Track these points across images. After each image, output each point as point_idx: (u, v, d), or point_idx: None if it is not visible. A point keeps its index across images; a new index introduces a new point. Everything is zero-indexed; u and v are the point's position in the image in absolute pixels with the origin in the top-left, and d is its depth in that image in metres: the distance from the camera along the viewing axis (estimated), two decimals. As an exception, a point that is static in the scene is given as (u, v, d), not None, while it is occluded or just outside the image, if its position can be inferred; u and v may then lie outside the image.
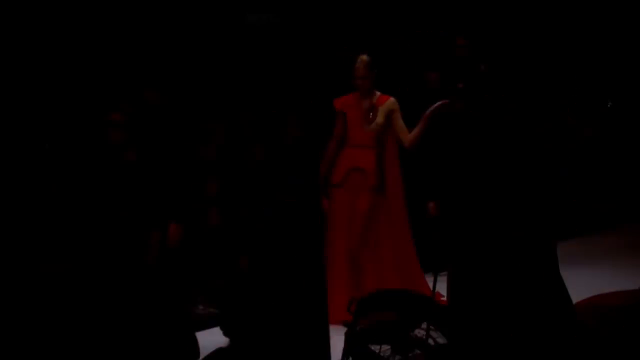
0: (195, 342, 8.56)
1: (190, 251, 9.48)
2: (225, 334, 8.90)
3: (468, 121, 8.42)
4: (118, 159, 8.24)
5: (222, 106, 11.94)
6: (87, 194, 8.36)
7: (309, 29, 12.92)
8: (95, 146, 8.41)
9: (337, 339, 8.41)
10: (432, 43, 13.44)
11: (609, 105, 14.60)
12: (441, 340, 8.14)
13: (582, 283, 9.44)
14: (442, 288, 8.67)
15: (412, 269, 10.18)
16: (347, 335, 8.17)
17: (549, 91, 8.71)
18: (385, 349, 8.14)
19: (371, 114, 10.00)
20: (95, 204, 8.26)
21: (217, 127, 11.41)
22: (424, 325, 8.18)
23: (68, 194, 9.63)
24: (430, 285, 9.14)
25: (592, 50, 14.63)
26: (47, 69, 11.54)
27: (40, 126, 11.11)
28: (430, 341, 8.12)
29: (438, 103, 9.80)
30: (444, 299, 8.57)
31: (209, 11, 12.37)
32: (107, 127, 8.25)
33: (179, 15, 12.47)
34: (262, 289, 8.15)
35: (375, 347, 8.17)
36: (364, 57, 10.17)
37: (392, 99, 10.18)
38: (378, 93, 10.22)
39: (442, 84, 10.63)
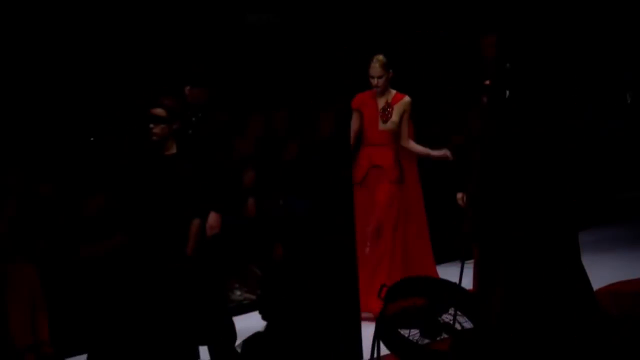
0: (232, 326, 8.61)
1: (228, 239, 9.54)
2: (264, 317, 9.02)
3: (495, 118, 8.43)
4: (160, 151, 8.29)
5: (260, 101, 11.94)
6: (131, 185, 8.44)
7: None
8: (139, 139, 8.50)
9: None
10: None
11: (628, 101, 14.64)
12: (468, 325, 8.18)
13: (603, 270, 9.51)
14: (467, 275, 8.91)
15: (425, 260, 10.14)
16: (377, 320, 8.27)
17: (571, 87, 8.67)
18: (414, 333, 8.21)
19: (387, 112, 9.95)
20: (138, 194, 8.32)
21: (254, 121, 11.47)
22: (451, 311, 8.24)
23: (113, 185, 9.73)
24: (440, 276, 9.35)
25: (611, 44, 14.43)
26: (93, 67, 11.61)
27: (88, 121, 11.22)
28: (457, 326, 8.20)
29: (443, 152, 9.96)
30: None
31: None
32: (150, 121, 8.26)
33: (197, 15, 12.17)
34: (297, 277, 8.06)
35: (404, 332, 8.22)
36: (380, 56, 10.09)
37: (407, 98, 10.12)
38: (394, 92, 10.13)
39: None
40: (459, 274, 8.92)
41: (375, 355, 8.27)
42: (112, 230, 9.29)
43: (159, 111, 8.25)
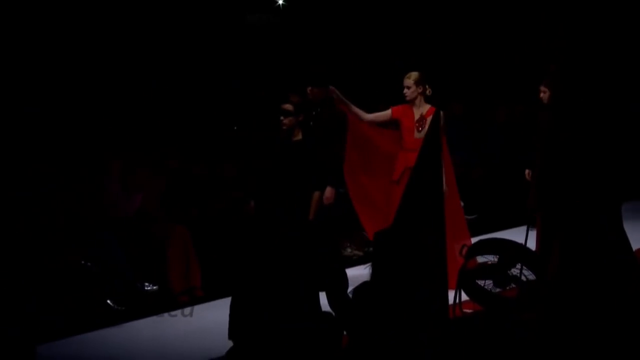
0: (345, 276, 8.54)
1: (341, 208, 9.72)
2: (373, 271, 8.56)
3: (554, 109, 8.54)
4: (288, 138, 8.62)
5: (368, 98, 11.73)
6: (266, 164, 8.74)
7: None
8: (273, 128, 8.77)
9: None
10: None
11: None
12: (531, 277, 8.54)
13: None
14: (531, 237, 9.01)
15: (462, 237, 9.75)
16: (459, 273, 8.60)
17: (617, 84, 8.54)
18: (488, 283, 8.59)
19: (422, 123, 9.61)
20: (272, 171, 8.62)
21: None
22: (518, 266, 8.62)
23: (252, 164, 10.06)
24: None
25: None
26: (240, 73, 11.76)
27: (230, 113, 11.54)
28: (523, 278, 8.57)
29: None
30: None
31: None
32: (281, 114, 8.60)
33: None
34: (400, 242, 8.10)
35: (480, 282, 8.61)
36: (413, 73, 9.75)
37: (440, 112, 9.32)
38: (428, 105, 9.77)
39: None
40: (524, 237, 9.04)
41: (457, 300, 8.57)
42: (247, 198, 9.44)
43: (288, 106, 8.59)
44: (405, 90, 9.65)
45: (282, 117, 8.57)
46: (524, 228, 9.22)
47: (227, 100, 11.88)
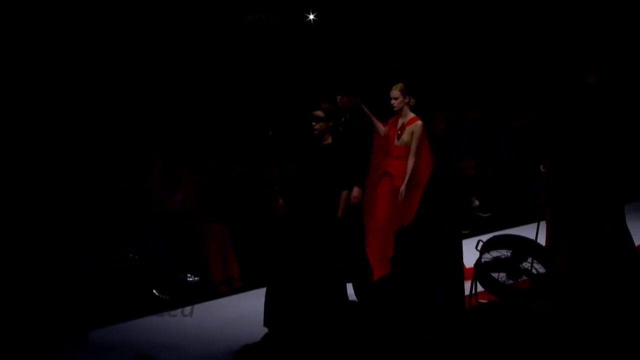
0: (370, 268, 8.78)
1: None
2: (393, 267, 8.79)
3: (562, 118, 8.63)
4: (319, 142, 8.54)
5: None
6: (299, 165, 8.70)
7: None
8: (305, 133, 8.71)
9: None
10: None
11: None
12: (541, 270, 8.56)
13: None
14: (541, 233, 8.90)
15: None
16: (475, 266, 8.60)
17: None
18: (502, 276, 8.59)
19: (400, 132, 9.48)
20: (304, 172, 8.53)
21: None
22: (529, 259, 8.61)
23: (286, 165, 10.12)
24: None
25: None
26: (272, 83, 11.61)
27: (267, 119, 11.47)
28: (534, 271, 8.57)
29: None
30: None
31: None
32: (312, 120, 8.54)
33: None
34: (421, 240, 8.33)
35: (495, 275, 8.60)
36: (399, 84, 9.57)
37: (418, 122, 9.50)
38: (411, 115, 9.55)
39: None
40: (535, 233, 8.95)
41: (473, 292, 8.60)
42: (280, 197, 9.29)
43: (319, 113, 8.51)
44: (393, 101, 9.55)
45: (313, 123, 8.57)
46: (534, 225, 9.15)
47: (264, 106, 11.78)
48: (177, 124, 11.08)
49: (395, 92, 9.56)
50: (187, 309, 9.16)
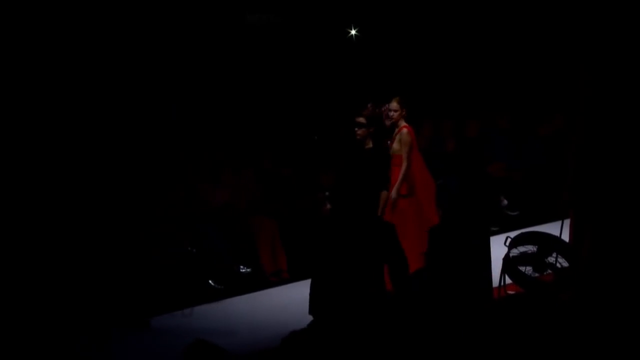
0: (405, 258, 8.56)
1: None
2: (427, 260, 8.84)
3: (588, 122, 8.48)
4: (361, 146, 8.53)
5: (431, 111, 11.94)
6: (343, 168, 8.63)
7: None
8: (348, 138, 8.68)
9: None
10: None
11: None
12: (565, 264, 8.56)
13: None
14: (565, 230, 8.82)
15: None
16: (503, 260, 8.55)
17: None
18: (528, 269, 8.58)
19: (392, 140, 9.24)
20: (348, 175, 8.50)
21: (427, 125, 11.67)
22: (554, 254, 8.61)
23: (331, 166, 10.08)
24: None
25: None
26: (319, 94, 11.58)
27: (311, 125, 11.59)
28: (558, 265, 8.57)
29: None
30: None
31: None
32: (355, 126, 8.53)
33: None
34: (452, 234, 8.36)
35: (522, 268, 8.58)
36: (397, 97, 9.32)
37: (403, 130, 9.22)
38: (402, 124, 9.28)
39: None
40: (559, 230, 8.87)
41: (502, 283, 8.56)
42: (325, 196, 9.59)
43: (361, 119, 8.49)
44: (393, 113, 9.28)
45: (356, 129, 8.56)
46: (558, 222, 9.08)
47: (312, 113, 11.80)
48: (223, 127, 11.09)
49: (394, 105, 9.30)
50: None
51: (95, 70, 9.84)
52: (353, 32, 12.32)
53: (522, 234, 8.83)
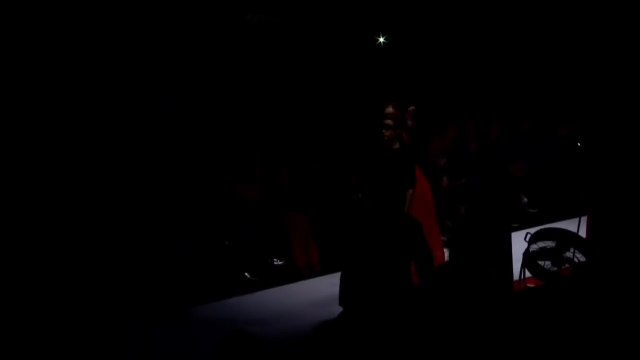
0: (430, 253, 8.28)
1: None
2: (450, 253, 8.86)
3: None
4: (389, 147, 8.59)
5: (455, 112, 11.91)
6: (372, 168, 8.67)
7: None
8: (377, 139, 8.69)
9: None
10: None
11: None
12: (582, 259, 8.53)
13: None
14: (583, 226, 8.78)
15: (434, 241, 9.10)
16: (524, 255, 8.52)
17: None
18: (547, 263, 8.56)
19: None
20: (377, 173, 8.52)
21: (451, 126, 11.65)
22: (572, 249, 8.58)
23: (359, 166, 10.01)
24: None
25: None
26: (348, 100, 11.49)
27: (344, 127, 11.59)
28: (575, 259, 8.54)
29: None
30: None
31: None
32: (383, 128, 8.57)
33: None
34: (474, 229, 8.46)
35: (541, 262, 8.57)
36: (411, 107, 9.02)
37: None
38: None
39: None
40: (577, 226, 8.88)
41: (522, 277, 8.55)
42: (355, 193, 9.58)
43: (389, 122, 8.53)
44: (409, 122, 9.02)
45: (384, 130, 8.57)
46: (576, 219, 9.07)
47: (343, 113, 11.77)
48: (257, 128, 11.03)
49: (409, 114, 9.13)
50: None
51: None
52: (382, 39, 12.25)
53: (541, 230, 8.80)
